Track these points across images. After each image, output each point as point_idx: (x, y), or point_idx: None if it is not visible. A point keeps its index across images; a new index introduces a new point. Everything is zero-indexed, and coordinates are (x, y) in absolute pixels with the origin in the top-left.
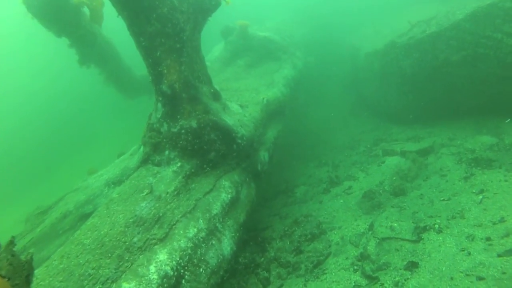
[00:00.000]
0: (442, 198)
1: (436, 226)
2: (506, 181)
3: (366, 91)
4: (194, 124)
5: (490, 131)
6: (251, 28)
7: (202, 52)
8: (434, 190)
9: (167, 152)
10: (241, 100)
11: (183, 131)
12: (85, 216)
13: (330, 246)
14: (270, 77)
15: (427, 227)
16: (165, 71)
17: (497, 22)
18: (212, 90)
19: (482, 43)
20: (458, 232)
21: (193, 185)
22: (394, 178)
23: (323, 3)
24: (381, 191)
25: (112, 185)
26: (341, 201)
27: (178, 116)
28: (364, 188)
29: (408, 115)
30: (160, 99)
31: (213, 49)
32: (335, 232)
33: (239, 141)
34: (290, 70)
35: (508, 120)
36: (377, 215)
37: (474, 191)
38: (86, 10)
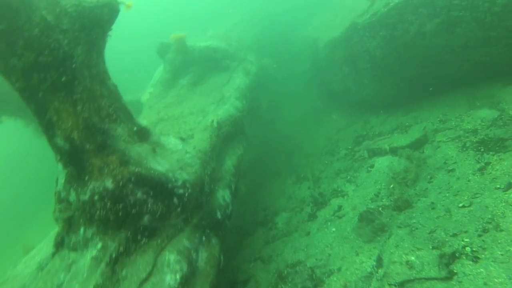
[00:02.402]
0: (460, 204)
1: (468, 249)
2: None
3: (334, 83)
4: (109, 184)
5: (485, 103)
6: (192, 39)
7: (111, 80)
8: (446, 193)
9: (82, 230)
10: (184, 129)
11: (96, 197)
12: None
13: None
14: (219, 92)
15: (456, 253)
16: (55, 118)
17: None
18: (135, 128)
19: (456, 5)
20: (502, 254)
21: (123, 273)
22: (391, 185)
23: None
24: (380, 208)
25: None
26: (333, 229)
27: (86, 177)
28: (357, 206)
29: (386, 101)
30: (59, 157)
31: (155, 72)
32: (335, 279)
33: (181, 191)
34: (242, 78)
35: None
36: (383, 242)
37: (499, 186)
38: None
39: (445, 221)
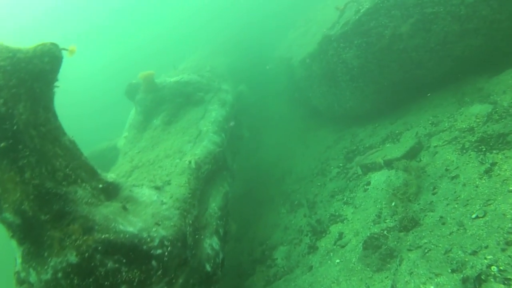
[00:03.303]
0: (473, 215)
1: (494, 268)
2: None
3: (314, 100)
4: (72, 258)
5: (475, 98)
6: (163, 75)
7: (68, 136)
8: (455, 204)
9: None
10: (161, 175)
11: (60, 274)
12: None
13: None
14: (195, 128)
15: (482, 275)
16: (0, 190)
17: None
18: (100, 186)
19: (428, 2)
20: None
21: None
22: (393, 203)
23: (243, 28)
24: (385, 231)
25: None
26: (337, 261)
27: (46, 253)
28: (359, 231)
29: (371, 111)
30: (11, 234)
31: (129, 115)
32: None
33: (159, 251)
34: (219, 110)
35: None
36: (395, 270)
37: None
38: None
39: (460, 237)
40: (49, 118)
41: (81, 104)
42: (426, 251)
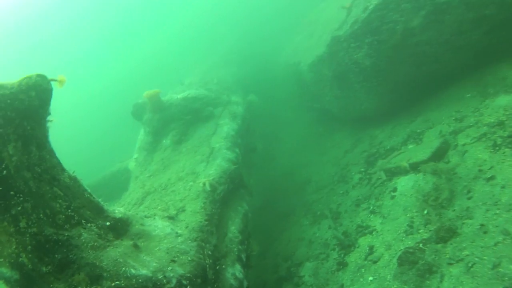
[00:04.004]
0: None
1: None
2: None
3: (327, 104)
4: None
5: (499, 88)
6: (170, 92)
7: (67, 172)
8: (496, 210)
9: None
10: (174, 201)
11: None
12: None
13: None
14: (207, 146)
15: None
16: None
17: None
18: (108, 223)
19: None
20: None
21: None
22: (425, 211)
23: (245, 35)
24: (420, 244)
25: None
26: (370, 278)
27: None
28: (391, 244)
29: (388, 110)
30: None
31: (138, 137)
32: None
33: None
34: (230, 124)
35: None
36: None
37: None
38: None
39: (508, 248)
40: (44, 156)
41: (88, 130)
42: (469, 265)
